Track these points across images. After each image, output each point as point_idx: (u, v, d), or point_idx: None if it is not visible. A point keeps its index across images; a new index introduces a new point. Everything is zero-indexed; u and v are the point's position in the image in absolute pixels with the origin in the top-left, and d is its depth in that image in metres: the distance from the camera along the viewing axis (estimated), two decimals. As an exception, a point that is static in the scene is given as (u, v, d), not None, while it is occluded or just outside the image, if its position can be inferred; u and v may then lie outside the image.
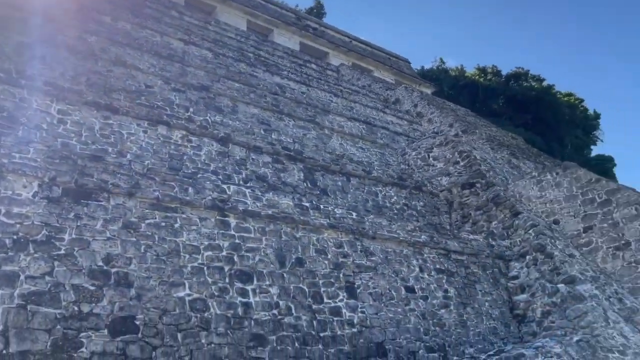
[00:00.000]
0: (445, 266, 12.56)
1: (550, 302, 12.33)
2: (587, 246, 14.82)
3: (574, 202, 15.61)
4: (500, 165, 19.96)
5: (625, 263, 13.90)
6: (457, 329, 11.39)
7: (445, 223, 16.87)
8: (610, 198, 14.81)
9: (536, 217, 15.71)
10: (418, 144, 20.19)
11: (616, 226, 14.41)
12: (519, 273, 13.73)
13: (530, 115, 44.10)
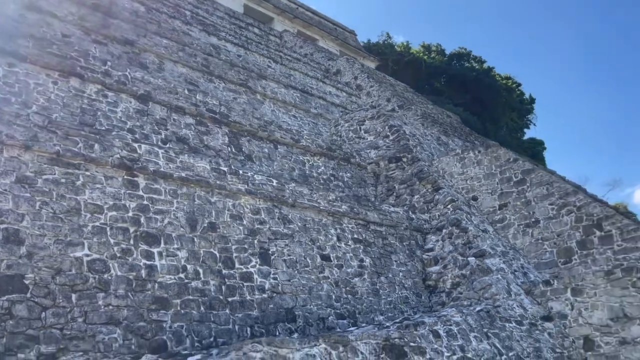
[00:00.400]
0: (363, 236, 12.76)
1: (460, 274, 12.84)
2: (501, 222, 15.49)
3: (492, 180, 16.20)
4: (428, 142, 20.39)
5: (533, 240, 14.64)
6: (370, 297, 11.66)
7: (371, 195, 17.12)
8: (525, 178, 15.47)
9: (456, 193, 16.22)
10: (351, 116, 20.24)
11: (528, 204, 15.11)
12: (435, 246, 14.19)
13: (470, 96, 45.15)
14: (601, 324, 11.05)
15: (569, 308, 11.60)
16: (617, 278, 11.06)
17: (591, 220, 13.73)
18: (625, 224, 13.18)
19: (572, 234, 13.97)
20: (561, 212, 14.35)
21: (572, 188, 14.56)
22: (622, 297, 10.88)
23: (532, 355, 10.04)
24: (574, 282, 11.68)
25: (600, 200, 14.60)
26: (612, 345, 10.79)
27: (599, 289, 11.24)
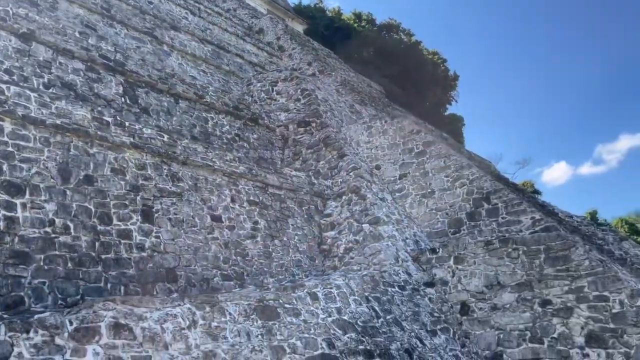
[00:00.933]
0: (260, 199, 12.59)
1: (353, 240, 13.06)
2: (400, 192, 15.87)
3: (395, 150, 16.50)
4: (341, 109, 20.36)
5: (428, 210, 15.14)
6: (261, 259, 11.58)
7: (277, 158, 16.92)
8: (425, 149, 15.88)
9: (360, 161, 16.38)
10: (264, 76, 19.76)
11: (426, 176, 15.55)
12: (333, 212, 14.31)
13: (397, 68, 45.60)
14: (477, 291, 11.68)
15: (450, 275, 12.15)
16: (495, 248, 11.68)
17: (481, 194, 14.36)
18: (511, 198, 13.90)
19: (463, 205, 14.57)
20: (455, 184, 14.90)
21: (466, 162, 15.13)
22: (498, 266, 11.52)
23: (409, 319, 10.44)
24: (457, 251, 12.21)
25: (502, 178, 15.32)
26: (484, 311, 11.45)
27: (478, 258, 11.83)
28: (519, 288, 11.14)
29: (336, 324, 8.48)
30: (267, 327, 7.37)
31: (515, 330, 10.95)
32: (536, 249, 11.13)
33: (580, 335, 10.20)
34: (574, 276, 10.52)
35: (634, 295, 9.82)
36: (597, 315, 10.12)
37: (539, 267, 10.99)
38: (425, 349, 9.94)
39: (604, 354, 9.88)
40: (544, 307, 10.72)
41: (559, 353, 10.36)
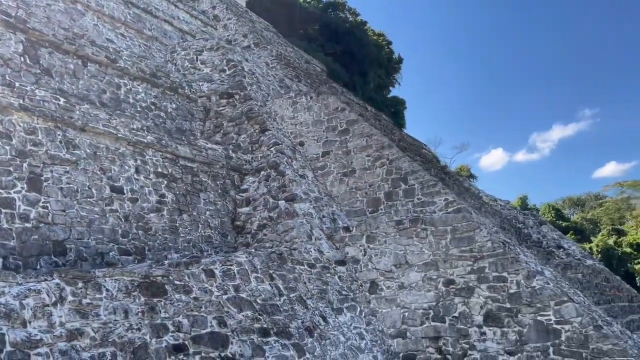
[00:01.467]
0: (170, 171, 12.02)
1: (267, 217, 12.78)
2: (322, 170, 15.69)
3: (319, 127, 16.25)
4: (269, 83, 19.85)
5: (348, 188, 15.06)
6: (166, 234, 11.09)
7: (197, 130, 16.30)
8: (348, 128, 15.72)
9: (283, 136, 16.04)
10: (189, 44, 18.90)
11: (348, 154, 15.44)
12: (250, 187, 13.95)
13: (341, 47, 45.07)
14: (386, 270, 11.73)
15: (362, 254, 12.14)
16: (405, 228, 11.74)
17: (399, 174, 14.40)
18: (427, 180, 14.02)
19: (382, 185, 14.58)
20: (375, 164, 14.87)
21: (387, 142, 15.11)
22: (407, 245, 11.60)
23: (315, 297, 10.32)
24: (369, 230, 12.20)
25: (433, 161, 15.41)
26: (392, 289, 11.53)
27: (389, 237, 11.86)
28: (425, 267, 11.26)
29: (232, 302, 8.20)
30: (150, 305, 6.97)
31: (419, 309, 11.10)
32: (443, 229, 11.27)
33: (479, 314, 10.45)
34: (477, 257, 10.73)
35: (529, 277, 10.13)
36: (495, 295, 10.38)
37: (445, 248, 11.14)
38: (328, 327, 9.86)
39: (500, 333, 10.18)
40: (448, 287, 10.90)
41: (458, 331, 10.58)
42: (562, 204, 73.59)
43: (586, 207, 71.51)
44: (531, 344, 9.83)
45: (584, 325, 9.47)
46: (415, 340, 10.99)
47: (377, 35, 49.86)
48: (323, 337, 9.46)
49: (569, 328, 9.58)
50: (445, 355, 10.62)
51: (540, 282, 10.02)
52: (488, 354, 10.20)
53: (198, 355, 6.93)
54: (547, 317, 9.82)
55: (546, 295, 9.89)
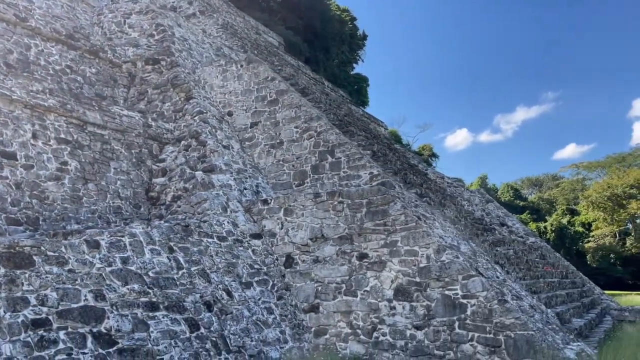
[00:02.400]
0: (75, 137, 11.29)
1: (182, 187, 12.24)
2: (250, 141, 15.19)
3: (249, 96, 15.69)
4: (203, 50, 19.04)
5: (275, 161, 14.63)
6: (66, 204, 10.43)
7: (120, 97, 15.47)
8: (278, 98, 15.22)
9: (210, 105, 15.41)
10: (117, 7, 17.85)
11: (277, 125, 14.97)
12: (168, 157, 13.34)
13: (303, 22, 43.86)
14: (302, 243, 11.43)
15: (279, 227, 11.79)
16: (322, 201, 11.42)
17: (327, 147, 14.06)
18: (353, 153, 13.73)
19: (309, 158, 14.21)
20: (304, 136, 14.47)
21: (316, 113, 14.71)
22: (324, 218, 11.30)
23: (222, 271, 9.94)
24: (287, 203, 11.84)
25: (383, 137, 15.06)
26: (307, 264, 11.26)
27: (307, 210, 11.54)
28: (340, 241, 11.01)
29: (116, 274, 7.71)
30: (10, 277, 6.42)
31: (332, 283, 10.88)
32: (359, 202, 11.01)
33: (390, 289, 10.30)
34: (390, 230, 10.53)
35: (439, 251, 10.00)
36: (406, 269, 10.23)
37: (360, 221, 10.90)
38: (232, 301, 9.51)
39: (408, 307, 10.06)
40: (361, 261, 10.69)
41: (369, 305, 10.42)
42: (521, 184, 75.30)
43: (544, 188, 73.38)
44: (438, 319, 9.75)
45: (489, 299, 9.43)
46: (327, 315, 10.78)
47: (342, 11, 48.85)
48: (224, 312, 9.11)
49: (475, 302, 9.53)
50: (355, 329, 10.46)
51: (449, 256, 9.90)
52: (397, 329, 10.08)
53: (63, 331, 6.45)
54: (454, 291, 9.74)
55: (454, 270, 9.79)
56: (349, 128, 19.88)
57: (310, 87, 23.01)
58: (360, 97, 49.09)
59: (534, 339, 8.95)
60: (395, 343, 10.03)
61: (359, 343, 10.37)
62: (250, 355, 8.92)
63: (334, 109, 21.84)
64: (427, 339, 9.77)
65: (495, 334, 9.25)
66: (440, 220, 12.84)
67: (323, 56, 44.88)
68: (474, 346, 9.36)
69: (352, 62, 51.28)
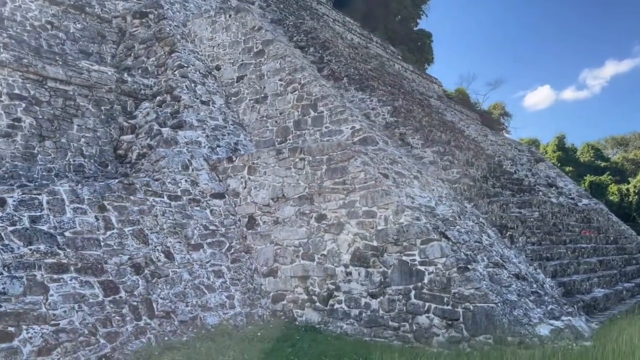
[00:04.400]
0: (32, 93, 10.95)
1: (147, 145, 11.72)
2: (236, 96, 14.40)
3: (236, 49, 14.81)
4: (204, 3, 18.20)
5: (259, 116, 13.81)
6: (16, 161, 10.19)
7: (108, 54, 15.07)
8: (264, 49, 14.24)
9: (196, 59, 14.69)
10: (111, -40, 17.27)
11: (261, 79, 14.06)
12: (140, 113, 12.83)
13: None
14: (264, 204, 10.65)
15: (242, 186, 11.05)
16: (284, 158, 10.52)
17: (310, 100, 13.05)
18: (336, 106, 12.64)
19: (292, 112, 13.28)
20: (287, 89, 13.50)
21: (300, 64, 13.62)
22: (285, 177, 10.43)
23: (166, 232, 9.38)
24: (251, 160, 11.04)
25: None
26: (268, 225, 10.50)
27: (269, 168, 10.69)
28: (300, 201, 10.13)
29: (18, 234, 7.30)
30: None
31: (291, 246, 10.08)
32: (320, 159, 10.01)
33: (347, 253, 9.37)
34: (349, 189, 9.51)
35: (398, 212, 8.90)
36: (364, 232, 9.23)
37: (320, 179, 9.93)
38: (170, 264, 8.96)
39: (364, 273, 9.11)
40: (320, 222, 9.79)
41: (325, 271, 9.56)
42: (605, 143, 69.87)
43: (630, 147, 67.61)
44: (394, 287, 8.74)
45: (448, 266, 8.30)
46: (285, 280, 10.04)
47: (402, -39, 45.75)
48: (156, 275, 8.58)
49: (433, 270, 8.43)
50: (311, 296, 9.67)
51: (408, 217, 8.78)
52: (352, 296, 9.19)
53: None
54: (412, 257, 8.67)
55: (412, 233, 8.68)
56: (369, 83, 18.62)
57: (334, 40, 21.72)
58: (423, 54, 46.44)
59: (494, 313, 7.79)
60: (350, 312, 9.16)
61: (314, 310, 9.59)
62: (181, 321, 8.38)
63: (356, 63, 20.55)
64: (382, 309, 8.83)
65: (454, 305, 8.15)
66: (428, 180, 11.61)
67: (382, 12, 42.47)
68: (430, 318, 8.33)
69: (416, 18, 48.31)
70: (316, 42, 18.98)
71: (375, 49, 31.41)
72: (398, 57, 34.52)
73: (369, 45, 31.72)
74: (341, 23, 31.30)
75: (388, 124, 16.73)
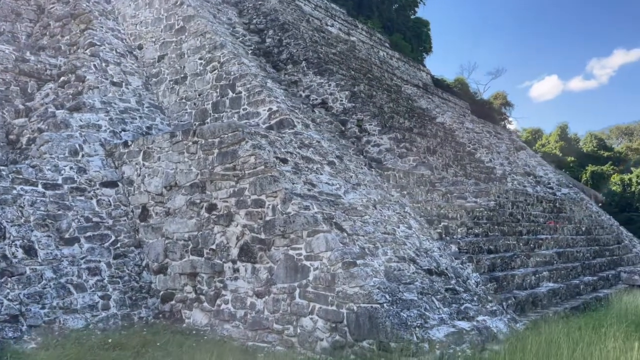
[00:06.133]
0: None
1: (38, 129, 10.64)
2: (157, 77, 13.32)
3: (158, 26, 13.70)
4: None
5: (178, 98, 12.73)
6: None
7: (22, 33, 13.98)
8: (185, 25, 13.13)
9: (115, 38, 13.57)
10: None
11: (182, 57, 12.96)
12: (38, 95, 11.75)
13: None
14: (157, 193, 9.60)
15: (137, 174, 9.99)
16: (178, 141, 9.44)
17: (228, 80, 11.97)
18: (254, 86, 11.55)
19: (211, 93, 12.20)
20: (207, 68, 12.41)
21: (220, 41, 12.50)
22: (178, 162, 9.37)
23: (32, 224, 8.34)
24: (146, 145, 9.97)
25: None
26: (160, 216, 9.46)
27: (163, 154, 9.63)
28: (191, 190, 9.07)
29: None
30: None
31: (181, 240, 9.04)
32: (212, 142, 8.93)
33: (236, 247, 8.32)
34: (239, 176, 8.44)
35: (286, 200, 7.84)
36: (252, 223, 8.18)
37: (211, 165, 8.86)
38: (30, 260, 7.93)
39: (251, 269, 8.07)
40: (210, 213, 8.73)
41: (213, 267, 8.52)
42: (610, 133, 68.47)
43: (635, 137, 66.24)
44: (279, 284, 7.70)
45: (332, 261, 7.24)
46: (174, 277, 9.01)
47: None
48: (7, 273, 7.54)
49: (318, 265, 7.38)
50: (199, 295, 8.65)
51: (295, 206, 7.72)
52: (238, 295, 8.15)
53: None
54: (298, 251, 7.62)
55: (299, 224, 7.62)
56: (328, 66, 17.55)
57: (296, 23, 20.60)
58: (420, 42, 45.00)
59: (377, 314, 6.75)
60: (236, 313, 8.13)
61: (202, 312, 8.57)
62: (31, 326, 7.36)
63: (318, 47, 19.44)
64: (267, 309, 7.79)
65: (339, 305, 7.11)
66: (349, 166, 10.55)
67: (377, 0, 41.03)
68: (314, 320, 7.29)
69: (414, 6, 46.84)
70: (275, 25, 18.04)
71: (358, 36, 30.26)
72: (385, 44, 33.33)
73: (352, 32, 30.53)
74: (323, 9, 30.05)
75: (346, 109, 15.77)
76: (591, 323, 8.31)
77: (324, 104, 16.70)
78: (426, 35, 46.45)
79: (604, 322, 8.99)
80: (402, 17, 43.63)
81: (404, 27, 42.52)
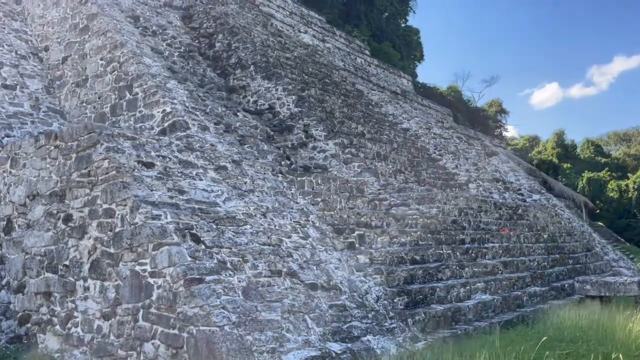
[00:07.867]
0: None
1: None
2: (60, 80, 12.46)
3: (64, 26, 12.86)
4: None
5: (79, 102, 11.86)
6: None
7: None
8: (88, 24, 12.29)
9: (18, 39, 12.75)
10: None
11: (84, 58, 12.11)
12: None
13: None
14: (20, 203, 8.68)
15: (3, 183, 9.07)
16: (41, 145, 8.55)
17: (126, 81, 11.10)
18: (150, 86, 10.70)
19: (109, 96, 11.34)
20: (107, 69, 11.55)
21: (120, 40, 11.65)
22: (40, 169, 8.46)
23: None
24: (14, 151, 9.07)
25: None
26: (22, 229, 8.53)
27: (28, 160, 8.73)
28: (50, 199, 8.16)
29: None
30: None
31: (37, 255, 8.11)
32: (70, 146, 8.04)
33: (88, 262, 7.39)
34: (93, 182, 7.54)
35: (134, 209, 6.92)
36: (102, 235, 7.26)
37: (69, 171, 7.96)
38: None
39: (99, 287, 7.14)
40: (66, 225, 7.81)
41: (65, 286, 7.58)
42: (607, 139, 67.82)
43: (632, 142, 65.62)
44: (124, 305, 6.77)
45: (174, 278, 6.32)
46: (30, 297, 8.07)
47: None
48: None
49: (161, 283, 6.45)
50: (52, 317, 7.70)
51: (142, 216, 6.80)
52: (87, 317, 7.21)
53: None
54: (144, 266, 6.69)
55: (144, 235, 6.71)
56: (276, 70, 16.77)
57: (248, 27, 19.86)
58: (411, 50, 44.33)
59: (214, 339, 5.81)
60: (84, 337, 7.18)
61: (54, 335, 7.61)
62: None
63: (269, 51, 18.67)
64: (112, 333, 6.85)
65: (180, 329, 6.17)
66: (248, 172, 9.66)
67: (365, 8, 40.36)
68: (156, 346, 6.35)
69: (404, 15, 46.22)
70: (225, 29, 17.49)
71: (334, 43, 29.61)
72: (365, 51, 32.74)
73: (327, 38, 29.83)
74: (298, 16, 29.31)
75: (292, 114, 15.02)
76: (486, 344, 7.38)
77: (271, 109, 15.92)
78: (417, 43, 45.88)
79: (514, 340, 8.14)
80: (392, 26, 43.08)
81: (393, 35, 41.90)
